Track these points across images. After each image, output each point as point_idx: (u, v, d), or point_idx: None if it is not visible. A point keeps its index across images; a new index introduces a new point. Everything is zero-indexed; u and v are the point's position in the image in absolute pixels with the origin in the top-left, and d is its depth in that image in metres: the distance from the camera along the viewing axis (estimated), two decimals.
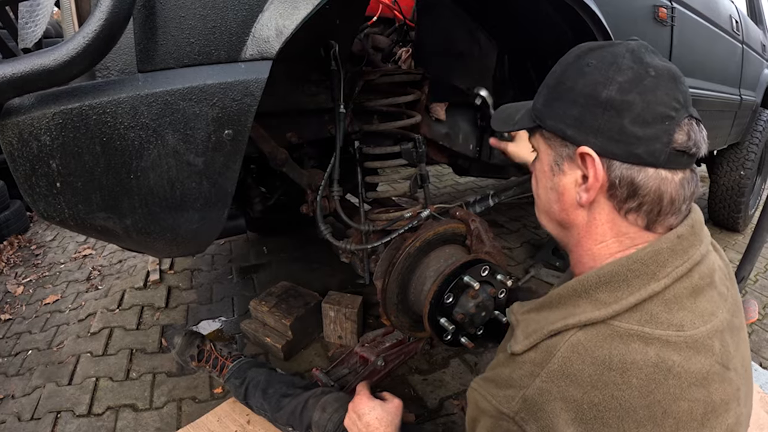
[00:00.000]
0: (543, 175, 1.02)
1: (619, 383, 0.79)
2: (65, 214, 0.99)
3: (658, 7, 2.43)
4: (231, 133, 1.04)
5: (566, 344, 0.84)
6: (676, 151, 0.85)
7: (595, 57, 0.91)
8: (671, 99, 0.85)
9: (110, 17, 0.82)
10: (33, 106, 0.88)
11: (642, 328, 0.82)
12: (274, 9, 1.05)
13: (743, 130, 4.58)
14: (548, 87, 0.99)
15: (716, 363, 0.83)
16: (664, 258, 0.86)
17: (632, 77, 0.85)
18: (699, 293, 0.87)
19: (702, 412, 0.79)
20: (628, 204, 0.89)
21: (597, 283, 0.88)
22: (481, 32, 2.17)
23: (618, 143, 0.86)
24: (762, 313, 3.33)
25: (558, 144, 0.95)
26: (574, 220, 0.97)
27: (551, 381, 0.83)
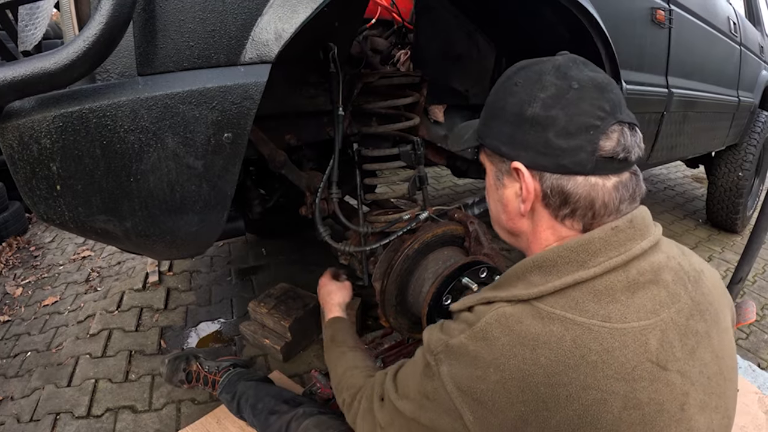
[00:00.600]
0: (490, 188, 1.10)
1: (527, 358, 0.84)
2: (65, 217, 0.99)
3: (655, 9, 2.44)
4: (230, 136, 1.05)
5: (492, 312, 0.91)
6: (604, 158, 0.90)
7: (522, 76, 0.98)
8: (595, 108, 0.89)
9: (110, 21, 0.82)
10: (33, 109, 0.89)
11: (564, 312, 0.86)
12: (273, 13, 1.06)
13: (741, 132, 4.59)
14: (487, 107, 1.07)
15: (648, 361, 0.84)
16: (596, 248, 0.89)
17: (555, 93, 0.91)
18: (637, 289, 0.89)
19: (620, 407, 0.81)
20: (563, 211, 0.94)
21: (531, 267, 0.93)
22: (480, 35, 2.18)
23: (545, 156, 0.92)
24: (760, 314, 3.35)
25: (497, 160, 1.03)
26: (520, 228, 1.05)
27: (471, 339, 0.91)
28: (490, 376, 0.86)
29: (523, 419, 0.83)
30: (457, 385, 0.90)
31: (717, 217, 4.83)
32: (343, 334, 1.67)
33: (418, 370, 1.00)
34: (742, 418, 2.20)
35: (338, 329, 1.70)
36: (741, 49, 4.08)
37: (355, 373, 1.44)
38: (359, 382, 1.37)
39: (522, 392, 0.83)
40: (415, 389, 1.01)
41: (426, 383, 0.97)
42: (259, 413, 1.95)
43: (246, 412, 2.03)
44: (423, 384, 0.98)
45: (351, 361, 1.52)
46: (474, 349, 0.89)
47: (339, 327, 1.71)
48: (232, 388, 2.15)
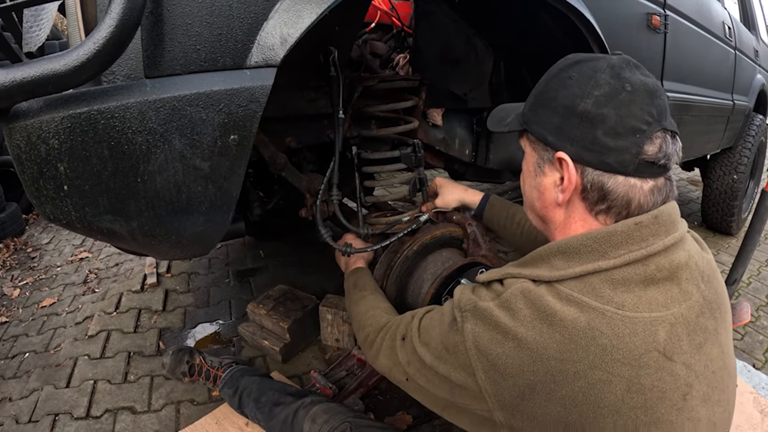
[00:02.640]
0: (528, 174, 1.14)
1: (544, 332, 0.89)
2: (72, 217, 1.00)
3: (651, 14, 2.46)
4: (237, 139, 1.06)
5: (518, 286, 0.97)
6: (646, 162, 0.94)
7: (576, 70, 1.01)
8: (644, 113, 0.93)
9: (120, 24, 0.83)
10: (42, 109, 0.89)
11: (581, 296, 0.90)
12: (278, 17, 1.07)
13: (736, 135, 4.63)
14: (535, 95, 1.10)
15: (654, 350, 0.88)
16: (618, 240, 0.93)
17: (608, 92, 0.94)
18: (652, 283, 0.92)
19: (623, 389, 0.85)
20: (599, 206, 0.98)
21: (556, 252, 0.98)
22: (478, 39, 2.19)
23: (591, 152, 0.96)
24: (755, 315, 3.37)
25: (541, 148, 1.06)
26: (552, 217, 1.09)
27: (497, 306, 0.96)
28: (508, 342, 0.91)
29: (531, 387, 0.89)
30: (476, 343, 0.96)
31: (712, 219, 4.85)
32: (364, 281, 1.74)
33: (445, 322, 1.06)
34: (738, 417, 2.22)
35: (360, 276, 1.77)
36: (736, 53, 4.11)
37: (377, 312, 1.51)
38: (382, 320, 1.43)
39: (533, 362, 0.88)
40: (437, 339, 1.07)
41: (449, 336, 1.03)
42: (263, 406, 1.97)
43: (248, 407, 2.04)
44: (446, 336, 1.04)
45: (372, 302, 1.59)
46: (498, 316, 0.94)
47: (361, 275, 1.78)
48: (234, 383, 2.16)
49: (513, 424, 0.94)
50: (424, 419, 2.27)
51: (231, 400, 2.15)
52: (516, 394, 0.90)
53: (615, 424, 0.86)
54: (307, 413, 1.81)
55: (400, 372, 1.23)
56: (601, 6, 1.95)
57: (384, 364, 1.31)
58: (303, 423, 1.80)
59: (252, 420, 2.07)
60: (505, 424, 0.95)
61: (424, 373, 1.11)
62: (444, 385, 1.05)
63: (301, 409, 1.85)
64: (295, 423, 1.83)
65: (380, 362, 1.34)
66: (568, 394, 0.86)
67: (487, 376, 0.94)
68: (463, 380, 0.99)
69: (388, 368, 1.30)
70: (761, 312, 3.44)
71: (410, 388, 1.22)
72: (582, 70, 1.00)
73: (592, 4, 1.83)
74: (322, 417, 1.78)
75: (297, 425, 1.81)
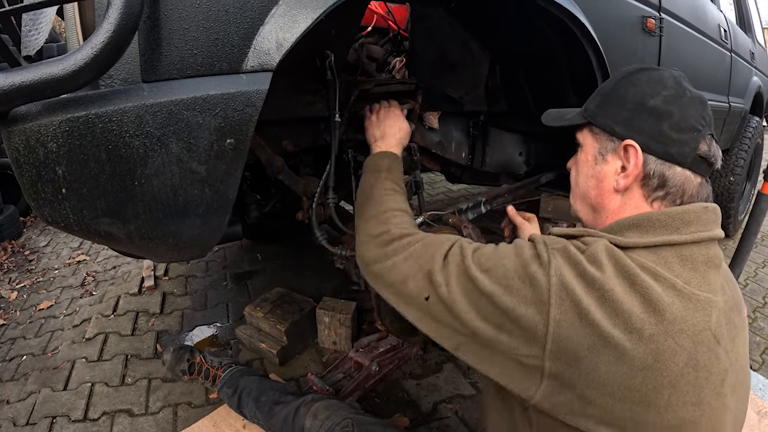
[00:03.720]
0: (585, 164, 1.20)
1: (627, 291, 0.92)
2: (70, 220, 1.00)
3: (646, 17, 2.47)
4: (233, 142, 1.07)
5: (602, 243, 0.99)
6: (700, 157, 1.04)
7: (645, 75, 1.12)
8: (700, 117, 1.05)
9: (118, 29, 0.84)
10: (40, 113, 0.89)
11: (655, 266, 0.95)
12: (274, 22, 1.08)
13: (732, 137, 4.64)
14: (602, 93, 1.19)
15: (708, 329, 0.92)
16: (689, 219, 1.00)
17: (674, 94, 1.07)
18: (711, 267, 0.99)
19: (684, 362, 0.89)
20: (657, 193, 1.07)
21: (629, 225, 1.03)
22: (474, 42, 2.20)
23: (657, 142, 1.05)
24: (752, 316, 3.38)
25: (605, 138, 1.14)
26: (607, 204, 1.14)
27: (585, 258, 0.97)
28: (593, 292, 0.92)
29: (605, 341, 0.89)
30: (561, 279, 0.94)
31: None
32: (399, 174, 1.59)
33: (524, 254, 1.02)
34: None
35: (396, 165, 1.61)
36: (731, 56, 4.11)
37: (407, 219, 1.40)
38: (413, 229, 1.33)
39: (616, 316, 0.90)
40: (508, 268, 1.01)
41: (529, 267, 0.99)
42: (263, 405, 1.98)
43: (247, 407, 2.05)
44: (525, 266, 0.99)
45: (404, 205, 1.46)
46: (586, 265, 0.95)
47: (398, 165, 1.62)
48: (234, 383, 2.17)
49: (565, 376, 0.92)
50: (421, 421, 2.28)
51: (230, 400, 2.15)
52: (586, 344, 0.89)
53: (669, 397, 0.89)
54: (309, 410, 1.83)
55: (420, 287, 1.13)
56: (596, 9, 1.96)
57: (397, 271, 1.21)
58: (304, 419, 1.81)
59: (251, 419, 2.08)
60: (553, 375, 0.93)
61: (471, 301, 1.03)
62: (496, 318, 0.99)
63: (302, 407, 1.86)
64: (296, 420, 1.84)
65: (390, 265, 1.23)
66: (638, 356, 0.88)
67: (563, 317, 0.91)
68: (528, 317, 0.94)
69: (401, 277, 1.19)
70: (758, 314, 3.45)
71: (422, 308, 1.14)
72: (650, 75, 1.12)
73: (587, 7, 1.84)
74: (323, 413, 1.79)
75: (298, 422, 1.82)
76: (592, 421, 0.91)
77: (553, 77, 2.10)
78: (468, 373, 2.60)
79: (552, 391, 0.94)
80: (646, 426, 0.89)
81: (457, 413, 2.32)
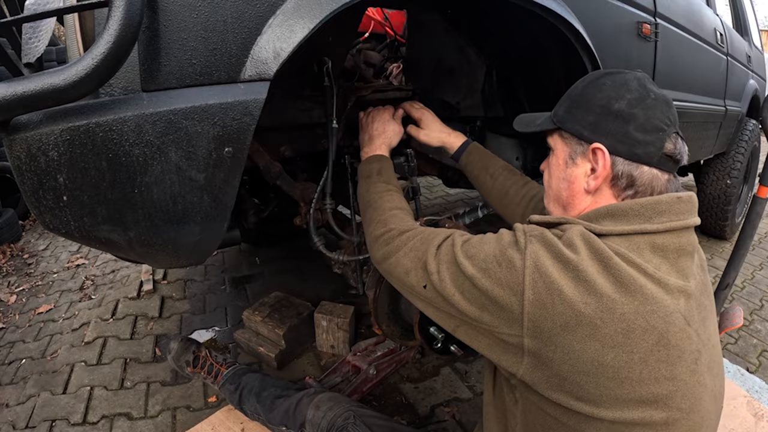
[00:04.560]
0: (557, 167, 1.24)
1: (601, 272, 0.97)
2: (71, 227, 1.02)
3: (641, 23, 2.48)
4: (231, 151, 1.08)
5: (577, 228, 1.04)
6: (666, 156, 1.09)
7: (609, 79, 1.17)
8: (665, 117, 1.10)
9: (118, 39, 0.86)
10: (41, 122, 0.91)
11: (628, 252, 0.99)
12: (272, 32, 1.09)
13: (729, 140, 4.66)
14: (570, 98, 1.24)
15: (679, 312, 0.98)
16: (662, 209, 1.04)
17: (638, 96, 1.11)
18: (682, 255, 1.05)
19: (654, 341, 0.94)
20: (626, 192, 1.11)
21: (604, 214, 1.07)
22: (470, 48, 2.21)
23: (623, 144, 1.09)
24: (749, 319, 3.39)
25: (574, 142, 1.19)
26: (578, 205, 1.19)
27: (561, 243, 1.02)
28: (568, 272, 0.97)
29: (578, 319, 0.94)
30: (536, 263, 0.99)
31: (706, 223, 4.89)
32: (390, 173, 1.67)
33: (504, 240, 1.08)
34: (732, 421, 2.24)
35: (386, 167, 1.68)
36: (728, 60, 4.14)
37: (405, 215, 1.46)
38: (410, 223, 1.39)
39: (588, 295, 0.95)
40: (488, 253, 1.07)
41: (507, 251, 1.04)
42: (264, 399, 2.00)
43: (248, 402, 2.06)
44: (503, 251, 1.05)
45: (401, 202, 1.53)
46: (562, 248, 1.00)
47: (387, 165, 1.69)
48: (236, 380, 2.18)
49: (542, 353, 0.97)
50: (419, 425, 2.29)
51: (231, 396, 2.17)
52: (559, 323, 0.95)
53: (641, 373, 0.93)
54: (311, 401, 1.85)
55: (419, 277, 1.20)
56: (591, 16, 1.98)
57: (400, 265, 1.27)
58: (307, 410, 1.83)
59: (251, 415, 2.08)
60: (532, 352, 0.99)
61: (457, 285, 1.10)
62: (478, 299, 1.06)
63: (305, 398, 1.88)
64: (297, 411, 1.85)
65: (394, 261, 1.29)
66: (610, 333, 0.93)
67: (536, 297, 0.97)
68: (505, 299, 1.00)
69: (403, 270, 1.25)
70: (755, 316, 3.47)
71: (422, 297, 1.20)
72: (615, 79, 1.16)
73: (582, 14, 1.86)
74: (326, 404, 1.81)
75: (300, 413, 1.84)
76: (569, 396, 0.97)
77: (549, 82, 2.11)
78: (465, 376, 2.61)
79: (533, 367, 1.00)
80: (620, 400, 0.94)
81: (455, 417, 2.33)
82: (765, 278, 4.10)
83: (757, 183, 2.76)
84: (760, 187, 2.69)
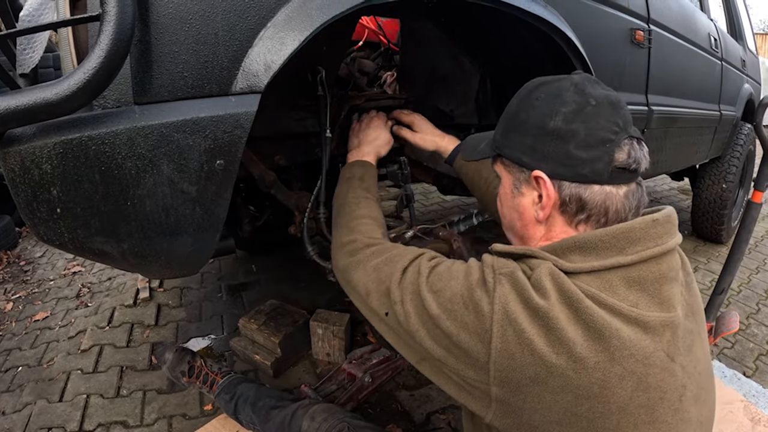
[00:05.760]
0: (506, 197, 1.16)
1: (571, 318, 0.89)
2: (65, 238, 1.02)
3: (635, 30, 2.50)
4: (222, 163, 1.09)
5: (546, 266, 0.95)
6: (618, 169, 0.98)
7: (543, 91, 1.06)
8: (611, 124, 0.98)
9: (109, 54, 0.86)
10: (35, 135, 0.92)
11: (599, 293, 0.91)
12: (262, 45, 1.10)
13: (724, 144, 4.67)
14: (505, 119, 1.15)
15: (661, 350, 0.91)
16: (636, 236, 0.95)
17: (575, 108, 1.00)
18: (665, 282, 0.95)
19: (633, 386, 0.88)
20: (578, 216, 1.01)
21: (572, 247, 0.97)
22: (464, 56, 2.22)
23: (566, 166, 1.00)
24: (745, 323, 3.40)
25: (516, 170, 1.10)
26: (533, 234, 1.10)
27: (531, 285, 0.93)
28: (537, 320, 0.89)
29: (549, 371, 0.87)
30: (505, 309, 0.92)
31: (702, 228, 4.91)
32: (371, 181, 1.62)
33: (473, 278, 1.00)
34: (728, 426, 2.24)
35: (369, 173, 1.64)
36: (722, 65, 4.15)
37: (375, 226, 1.41)
38: (379, 237, 1.35)
39: (559, 345, 0.87)
40: (455, 291, 1.00)
41: (474, 292, 0.97)
42: (260, 410, 2.00)
43: (244, 412, 2.07)
44: (470, 291, 0.98)
45: (374, 212, 1.48)
46: (531, 293, 0.91)
47: (370, 172, 1.66)
48: (232, 389, 2.19)
49: (511, 402, 0.92)
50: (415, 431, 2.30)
51: (227, 406, 2.17)
52: (529, 375, 0.88)
53: (619, 422, 0.87)
54: (306, 412, 1.84)
55: (380, 303, 1.14)
56: (584, 23, 1.99)
57: (361, 284, 1.22)
58: (302, 421, 1.82)
59: (247, 425, 2.09)
60: (500, 400, 0.93)
61: (421, 321, 1.03)
62: (442, 341, 0.99)
63: (300, 409, 1.88)
64: (293, 422, 1.85)
65: (356, 278, 1.24)
66: (583, 384, 0.86)
67: (504, 347, 0.90)
68: (470, 345, 0.94)
69: (364, 290, 1.20)
70: (752, 319, 3.49)
71: (383, 324, 1.15)
72: (548, 91, 1.05)
73: (574, 21, 1.87)
74: (321, 415, 1.81)
75: (295, 424, 1.84)
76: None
77: None
78: None
79: (502, 414, 0.94)
80: None
81: (450, 424, 2.34)
82: (762, 282, 4.12)
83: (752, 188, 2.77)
84: (754, 191, 2.71)
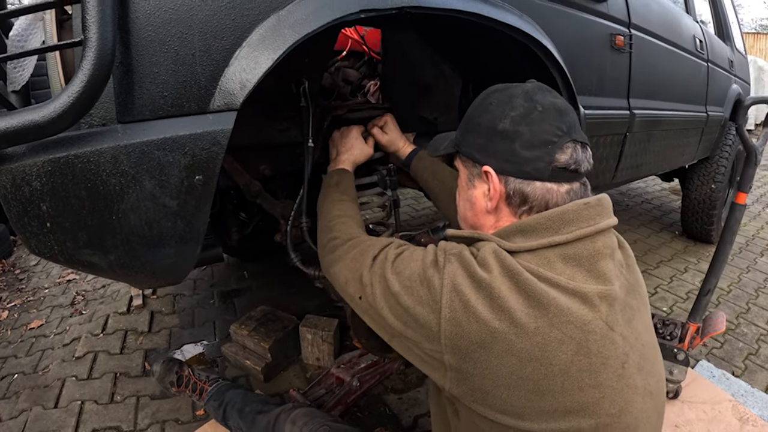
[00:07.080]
0: (461, 189, 1.29)
1: (512, 289, 0.99)
2: (55, 251, 1.07)
3: (614, 35, 2.52)
4: (201, 179, 1.13)
5: (490, 246, 1.07)
6: (559, 168, 1.09)
7: (496, 97, 1.18)
8: (554, 128, 1.10)
9: (92, 78, 0.90)
10: (24, 154, 0.96)
11: (538, 268, 1.02)
12: (238, 64, 1.14)
13: (712, 145, 4.68)
14: (464, 121, 1.27)
15: (599, 319, 1.00)
16: (569, 218, 1.06)
17: (522, 113, 1.11)
18: (600, 258, 1.05)
19: (573, 351, 0.96)
20: (522, 208, 1.13)
21: (515, 230, 1.09)
22: (446, 65, 2.25)
23: (511, 163, 1.12)
24: (734, 322, 3.43)
25: (470, 165, 1.23)
26: (484, 223, 1.22)
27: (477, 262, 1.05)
28: (482, 291, 1.00)
29: (492, 336, 0.96)
30: (453, 282, 1.03)
31: (692, 228, 4.95)
32: (347, 185, 1.73)
33: (427, 259, 1.12)
34: (717, 426, 2.27)
35: (345, 179, 1.76)
36: (708, 66, 4.16)
37: (350, 223, 1.52)
38: (353, 231, 1.46)
39: (501, 312, 0.97)
40: (413, 271, 1.12)
41: (427, 271, 1.08)
42: (246, 415, 2.04)
43: (232, 418, 2.10)
44: (424, 270, 1.09)
45: (349, 210, 1.60)
46: (476, 268, 1.02)
47: (346, 177, 1.77)
48: (220, 396, 2.22)
49: (463, 368, 1.00)
50: None
51: (216, 413, 2.21)
52: (476, 340, 0.97)
53: (563, 384, 0.96)
54: (288, 417, 1.88)
55: (355, 288, 1.26)
56: (562, 31, 2.03)
57: (341, 274, 1.34)
58: (284, 426, 1.86)
59: (235, 431, 2.12)
60: (453, 368, 1.02)
61: (385, 299, 1.15)
62: (402, 316, 1.10)
63: (282, 414, 1.92)
64: (276, 427, 1.89)
65: (337, 270, 1.36)
66: (525, 348, 0.95)
67: (452, 316, 1.00)
68: (424, 317, 1.04)
69: (344, 279, 1.32)
70: (741, 319, 3.52)
71: (359, 307, 1.26)
72: (500, 97, 1.17)
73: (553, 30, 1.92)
74: (302, 419, 1.84)
75: (278, 428, 1.88)
76: (494, 410, 0.99)
77: None
78: None
79: (457, 381, 1.03)
80: (544, 412, 0.97)
81: None
82: (751, 281, 4.15)
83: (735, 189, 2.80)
84: (738, 193, 2.73)
